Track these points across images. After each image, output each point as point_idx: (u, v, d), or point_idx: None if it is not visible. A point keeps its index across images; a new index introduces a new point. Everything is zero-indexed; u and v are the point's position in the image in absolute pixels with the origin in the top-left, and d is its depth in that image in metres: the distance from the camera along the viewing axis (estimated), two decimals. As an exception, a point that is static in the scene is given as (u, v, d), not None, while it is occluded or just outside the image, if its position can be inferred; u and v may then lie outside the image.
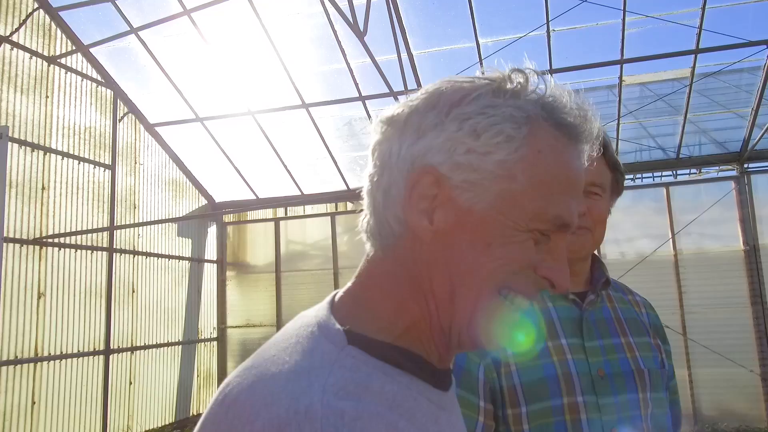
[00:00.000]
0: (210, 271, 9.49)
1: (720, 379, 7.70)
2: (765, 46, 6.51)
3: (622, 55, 6.83)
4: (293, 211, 9.92)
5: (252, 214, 10.00)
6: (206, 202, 9.60)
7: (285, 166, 8.83)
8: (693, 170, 8.35)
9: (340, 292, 0.73)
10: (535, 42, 6.78)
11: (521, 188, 0.64)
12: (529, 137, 0.65)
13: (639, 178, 8.55)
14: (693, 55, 6.78)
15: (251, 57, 7.55)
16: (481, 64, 7.04)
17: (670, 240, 8.07)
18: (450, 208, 0.65)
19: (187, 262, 8.96)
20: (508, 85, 0.66)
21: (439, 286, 0.67)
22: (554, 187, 0.65)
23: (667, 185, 8.25)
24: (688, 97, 7.22)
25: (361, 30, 5.16)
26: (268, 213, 9.99)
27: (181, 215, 8.88)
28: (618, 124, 7.63)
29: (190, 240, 9.09)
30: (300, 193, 9.30)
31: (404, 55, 6.72)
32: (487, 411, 1.18)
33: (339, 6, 5.00)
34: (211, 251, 9.59)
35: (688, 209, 8.06)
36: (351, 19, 4.99)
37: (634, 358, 1.30)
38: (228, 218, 9.94)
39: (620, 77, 7.09)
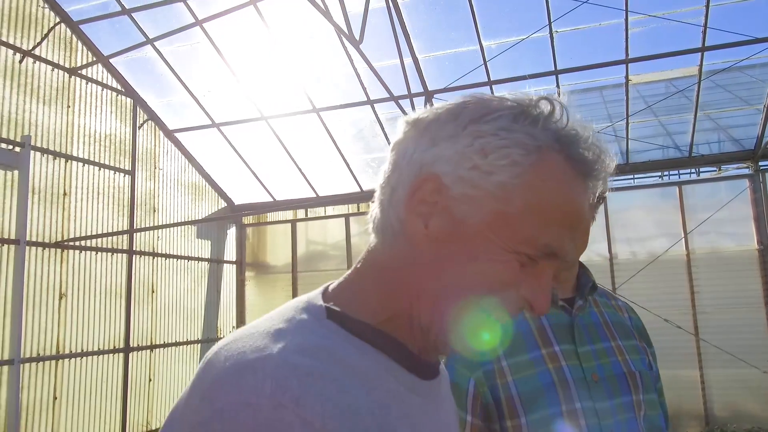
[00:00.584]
0: (229, 272, 9.77)
1: (732, 380, 7.62)
2: (771, 44, 6.44)
3: (627, 54, 6.82)
4: (311, 212, 10.12)
5: (271, 216, 10.24)
6: (225, 205, 9.88)
7: (300, 169, 9.04)
8: (708, 169, 8.25)
9: (338, 280, 0.78)
10: (539, 43, 6.83)
11: (516, 212, 0.67)
12: (535, 165, 0.67)
13: (652, 176, 8.48)
14: (700, 53, 6.73)
15: (262, 64, 7.77)
16: (486, 66, 7.12)
17: (683, 239, 8.00)
18: (446, 217, 0.68)
19: (207, 263, 9.25)
20: (532, 111, 0.69)
21: (424, 289, 0.70)
22: (550, 217, 0.68)
23: (679, 184, 8.17)
24: (697, 95, 7.16)
25: (357, 38, 5.31)
26: (288, 215, 10.22)
27: (200, 218, 9.16)
28: (627, 123, 7.60)
29: (209, 241, 9.38)
30: (315, 195, 9.50)
31: (409, 60, 6.86)
32: (474, 426, 1.18)
33: (332, 17, 5.15)
34: (230, 252, 9.87)
35: (701, 208, 7.99)
36: (346, 29, 5.13)
37: (624, 361, 1.33)
38: (247, 220, 10.21)
39: (626, 76, 7.08)
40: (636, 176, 8.47)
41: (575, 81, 7.43)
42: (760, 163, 7.82)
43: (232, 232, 9.96)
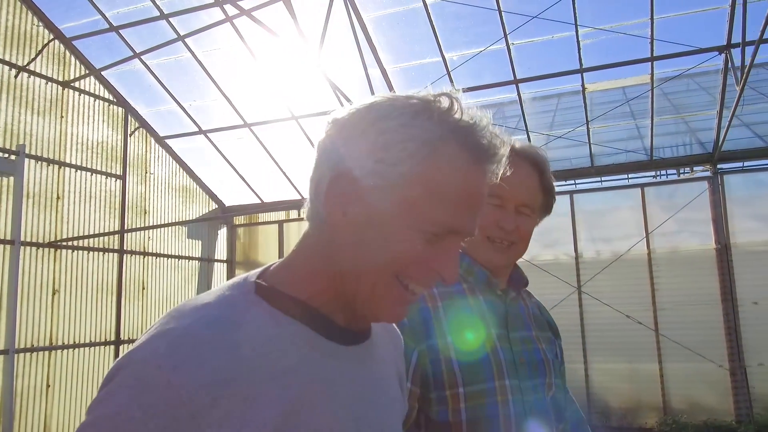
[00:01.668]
0: (220, 270, 10.30)
1: (690, 374, 7.95)
2: (717, 53, 6.79)
3: (581, 64, 7.20)
4: (298, 214, 10.61)
5: (262, 217, 10.74)
6: (216, 207, 10.41)
7: (284, 173, 9.54)
8: (670, 171, 8.58)
9: (279, 260, 0.87)
10: (498, 55, 7.22)
11: (419, 197, 0.76)
12: (431, 155, 0.75)
13: (615, 179, 8.83)
14: (650, 63, 7.08)
15: (243, 75, 8.25)
16: (450, 76, 7.54)
17: (645, 239, 8.35)
18: (360, 206, 0.78)
19: (197, 262, 9.79)
20: (432, 107, 0.77)
21: (347, 267, 0.80)
22: (449, 200, 0.76)
23: (642, 186, 8.52)
24: (652, 102, 7.51)
25: (317, 51, 5.77)
26: (281, 215, 10.70)
27: (191, 219, 9.69)
28: (588, 129, 7.97)
29: (200, 241, 9.92)
30: (300, 198, 9.98)
31: (377, 71, 7.31)
32: (412, 393, 1.28)
33: (300, 30, 5.60)
34: (221, 252, 10.40)
35: (662, 209, 8.33)
36: (301, 45, 5.60)
37: (542, 349, 1.48)
38: (238, 221, 10.73)
39: (582, 85, 7.45)
40: (602, 179, 8.80)
41: (535, 89, 7.81)
42: (719, 166, 8.13)
43: (222, 233, 10.49)
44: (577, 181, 8.83)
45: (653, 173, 8.62)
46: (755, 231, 7.98)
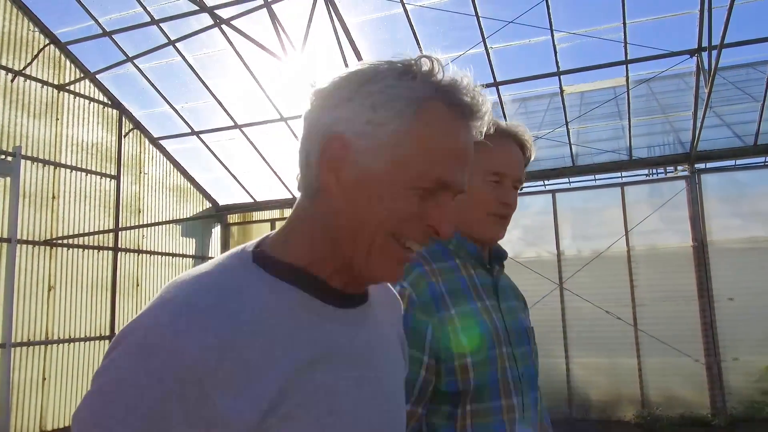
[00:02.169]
0: (214, 268, 10.55)
1: (667, 368, 8.15)
2: (688, 56, 7.00)
3: (558, 67, 7.42)
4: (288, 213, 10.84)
5: (255, 215, 10.99)
6: (210, 206, 10.68)
7: (275, 172, 9.79)
8: (650, 170, 8.78)
9: (274, 231, 0.88)
10: (478, 58, 7.45)
11: (409, 154, 0.78)
12: (419, 113, 0.78)
13: (596, 179, 9.04)
14: (624, 66, 7.29)
15: (232, 77, 8.50)
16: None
17: (624, 237, 8.56)
18: (353, 168, 0.79)
19: (191, 259, 10.06)
20: (414, 69, 0.79)
21: (344, 230, 0.81)
22: (438, 155, 0.79)
23: (622, 185, 8.73)
24: (628, 103, 7.72)
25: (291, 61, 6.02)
26: (274, 213, 10.95)
27: (185, 218, 9.96)
28: (567, 129, 8.18)
29: (194, 240, 10.19)
30: (292, 196, 10.23)
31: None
32: (429, 366, 1.32)
33: (282, 38, 5.85)
34: (215, 250, 10.66)
35: (641, 207, 8.53)
36: (282, 53, 5.85)
37: (523, 318, 1.55)
38: (232, 219, 10.99)
39: (560, 87, 7.67)
40: (583, 178, 9.01)
41: (515, 91, 8.03)
42: (696, 165, 8.32)
43: (216, 231, 10.75)
44: (559, 181, 9.04)
45: (634, 172, 8.81)
46: (731, 228, 8.18)
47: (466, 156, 0.83)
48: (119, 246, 8.67)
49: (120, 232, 8.68)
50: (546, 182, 9.00)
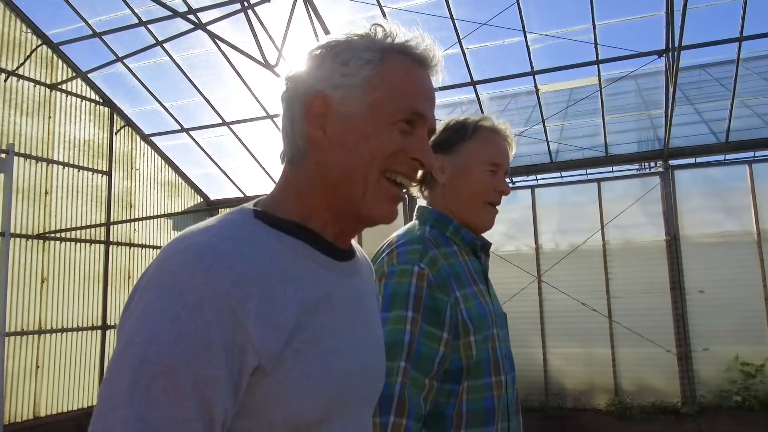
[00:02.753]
0: (205, 261, 10.84)
1: (640, 358, 8.41)
2: (656, 56, 7.22)
3: (532, 67, 7.65)
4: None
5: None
6: (201, 200, 10.97)
7: (263, 168, 10.06)
8: (625, 167, 9.01)
9: (264, 195, 0.95)
10: (455, 58, 7.68)
11: (383, 93, 0.88)
12: (383, 61, 0.89)
13: (573, 175, 9.27)
14: (596, 65, 7.53)
15: (220, 76, 8.76)
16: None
17: (600, 231, 8.81)
18: (336, 118, 0.88)
19: (182, 252, 10.32)
20: (371, 34, 0.91)
21: (338, 177, 0.89)
22: (407, 90, 0.90)
23: (598, 181, 8.97)
24: (602, 102, 7.95)
25: (272, 63, 6.28)
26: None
27: (176, 213, 10.25)
28: (545, 127, 8.42)
29: (185, 233, 10.46)
30: (280, 192, 10.50)
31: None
32: (447, 341, 1.39)
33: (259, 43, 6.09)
34: (206, 243, 10.93)
35: (617, 203, 8.78)
36: (260, 56, 6.11)
37: (499, 302, 1.66)
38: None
39: (535, 86, 7.90)
40: (561, 174, 9.24)
41: (492, 90, 8.28)
42: (670, 162, 8.55)
43: (208, 225, 11.02)
44: (538, 177, 9.28)
45: (610, 168, 9.05)
46: (702, 223, 8.42)
47: (430, 94, 0.94)
48: (111, 240, 8.96)
49: (112, 226, 8.97)
50: (526, 178, 9.24)
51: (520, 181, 9.40)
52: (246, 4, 6.07)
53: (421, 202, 1.71)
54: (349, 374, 0.87)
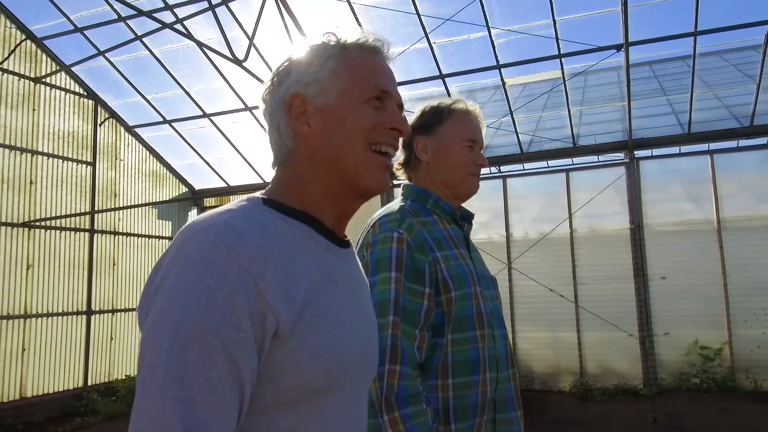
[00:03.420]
0: (190, 248, 11.17)
1: (604, 342, 8.73)
2: (615, 50, 7.47)
3: (497, 61, 7.91)
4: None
5: (232, 199, 11.58)
6: (186, 190, 11.27)
7: (245, 159, 10.36)
8: (591, 157, 9.26)
9: (263, 191, 1.04)
10: (423, 52, 7.94)
11: (349, 80, 1.00)
12: (343, 54, 1.01)
13: (542, 165, 9.53)
14: (558, 59, 7.78)
15: (198, 69, 9.03)
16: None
17: (567, 220, 9.10)
18: (315, 111, 1.00)
19: (168, 240, 10.66)
20: (326, 42, 1.04)
21: (330, 159, 1.00)
22: (369, 73, 1.02)
23: (567, 171, 9.25)
24: (566, 94, 8.21)
25: (240, 58, 6.54)
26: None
27: (160, 201, 10.56)
28: (513, 119, 8.68)
29: (170, 222, 10.80)
30: (263, 181, 10.81)
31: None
32: (430, 295, 1.55)
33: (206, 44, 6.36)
34: (192, 231, 11.25)
35: (584, 192, 9.06)
36: (228, 52, 6.38)
37: (486, 268, 1.83)
38: (209, 202, 11.59)
39: (502, 79, 8.16)
40: (530, 165, 9.51)
41: (461, 83, 8.53)
42: (636, 152, 8.81)
43: (193, 214, 11.35)
44: (508, 167, 9.55)
45: (577, 158, 9.31)
46: (665, 212, 8.70)
47: (390, 73, 1.06)
48: (95, 228, 9.28)
49: (97, 215, 9.28)
50: (501, 168, 9.51)
51: (492, 173, 9.67)
52: (211, 3, 6.33)
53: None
54: (349, 347, 0.94)
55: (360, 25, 7.74)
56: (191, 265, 0.80)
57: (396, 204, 1.72)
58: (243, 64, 6.68)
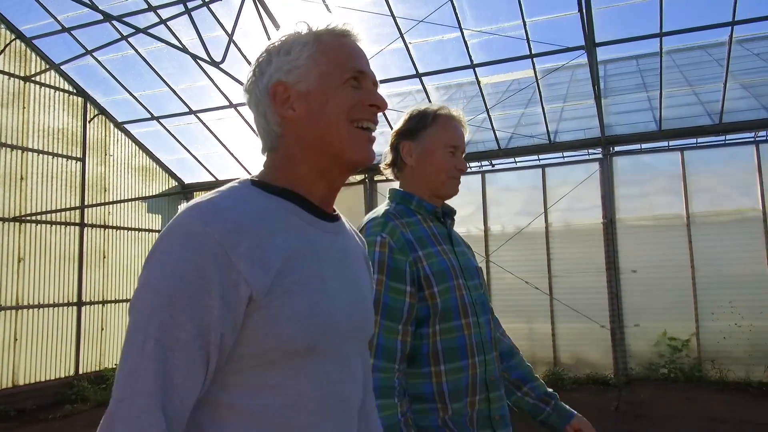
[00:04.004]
0: (180, 241, 11.47)
1: (577, 333, 9.00)
2: (582, 51, 7.68)
3: (471, 61, 8.13)
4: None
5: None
6: (176, 184, 11.56)
7: (231, 153, 10.63)
8: (567, 153, 9.49)
9: (256, 172, 1.12)
10: (400, 52, 8.18)
11: (326, 64, 1.07)
12: (318, 40, 1.09)
13: (520, 161, 9.77)
14: (530, 59, 8.00)
15: (184, 68, 9.28)
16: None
17: (543, 215, 9.35)
18: (299, 97, 1.07)
19: (157, 234, 10.95)
20: (300, 30, 1.11)
21: (318, 138, 1.07)
22: (344, 56, 1.09)
23: (543, 167, 9.48)
24: (539, 93, 8.43)
25: (218, 60, 6.79)
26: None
27: (150, 195, 10.85)
28: (489, 116, 8.91)
29: (160, 216, 11.09)
30: (249, 175, 11.07)
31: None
32: (411, 293, 1.69)
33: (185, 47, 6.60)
34: (182, 224, 11.54)
35: (560, 187, 9.30)
36: (205, 54, 6.63)
37: (472, 259, 1.96)
38: (199, 195, 11.84)
39: (476, 78, 8.38)
40: (509, 160, 9.75)
41: (437, 82, 8.76)
42: (610, 149, 9.04)
43: (182, 207, 11.62)
44: (486, 163, 9.79)
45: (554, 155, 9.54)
46: (637, 207, 8.94)
47: (363, 55, 1.13)
48: (85, 222, 9.58)
49: (87, 209, 9.58)
50: (476, 165, 9.75)
51: (470, 168, 9.90)
52: (187, 6, 6.57)
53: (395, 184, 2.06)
54: (332, 313, 1.02)
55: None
56: (172, 242, 0.92)
57: (382, 208, 1.87)
58: (221, 65, 6.94)
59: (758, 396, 7.57)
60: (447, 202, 1.99)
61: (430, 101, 8.85)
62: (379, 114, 1.14)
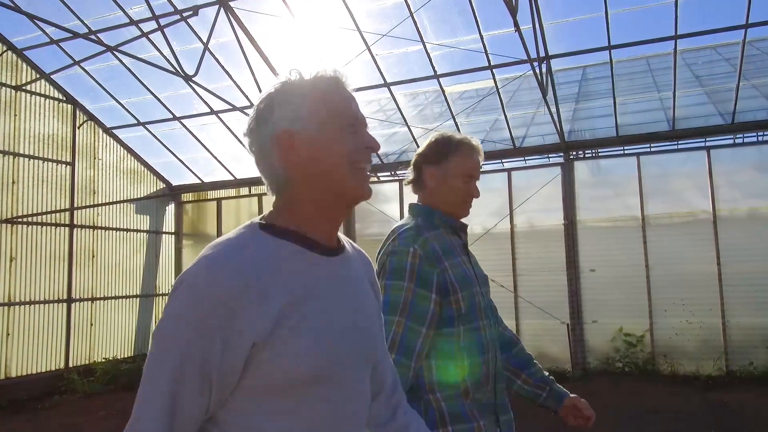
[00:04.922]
0: (168, 241, 12.02)
1: (539, 329, 9.47)
2: (537, 63, 8.14)
3: (435, 71, 8.60)
4: (235, 192, 12.23)
5: (211, 194, 12.35)
6: (164, 186, 12.08)
7: (215, 158, 11.14)
8: (531, 157, 9.95)
9: (267, 212, 1.20)
10: (368, 63, 8.64)
11: (326, 114, 1.16)
12: (315, 89, 1.17)
13: (486, 165, 10.22)
14: (490, 70, 8.46)
15: (166, 78, 9.77)
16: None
17: (508, 216, 9.82)
18: (303, 143, 1.14)
19: (145, 234, 11.49)
20: (292, 78, 1.19)
21: (324, 180, 1.15)
22: (341, 105, 1.17)
23: (509, 171, 9.94)
24: (501, 101, 8.90)
25: (191, 73, 7.29)
26: (220, 193, 12.26)
27: (137, 197, 11.37)
28: (456, 123, 9.38)
29: (148, 216, 11.62)
30: (233, 178, 11.60)
31: (269, 75, 8.76)
32: (436, 301, 1.87)
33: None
34: (169, 225, 12.09)
35: (525, 191, 9.76)
36: (176, 66, 7.12)
37: (481, 269, 2.18)
38: (186, 197, 12.38)
39: (441, 87, 8.85)
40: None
41: (404, 91, 9.23)
42: (571, 154, 9.50)
43: (170, 209, 12.16)
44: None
45: (520, 159, 10.00)
46: (595, 210, 9.40)
47: (355, 101, 1.22)
48: (75, 223, 10.11)
49: (76, 211, 10.10)
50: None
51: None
52: (159, 23, 7.06)
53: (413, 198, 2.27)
54: (336, 346, 1.11)
55: (307, 41, 8.45)
56: (183, 292, 1.03)
57: (410, 220, 2.06)
58: (193, 78, 7.43)
59: (703, 389, 8.02)
60: None
61: (400, 110, 9.34)
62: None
